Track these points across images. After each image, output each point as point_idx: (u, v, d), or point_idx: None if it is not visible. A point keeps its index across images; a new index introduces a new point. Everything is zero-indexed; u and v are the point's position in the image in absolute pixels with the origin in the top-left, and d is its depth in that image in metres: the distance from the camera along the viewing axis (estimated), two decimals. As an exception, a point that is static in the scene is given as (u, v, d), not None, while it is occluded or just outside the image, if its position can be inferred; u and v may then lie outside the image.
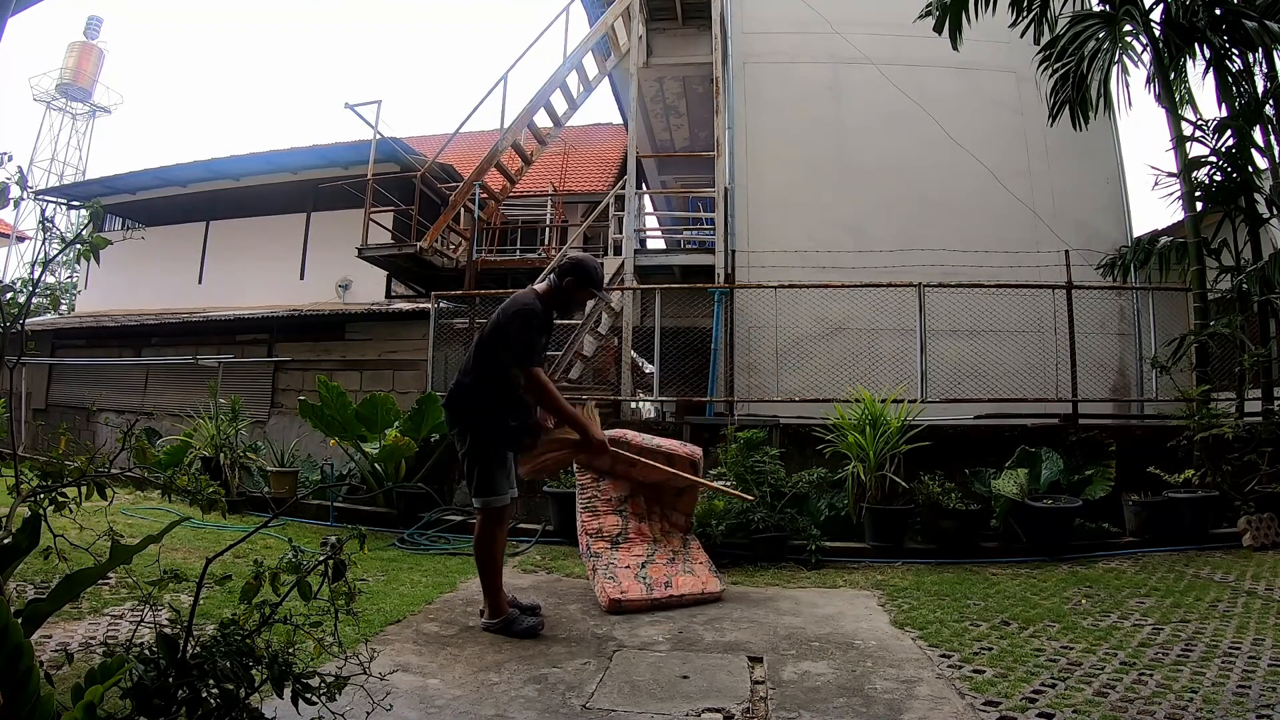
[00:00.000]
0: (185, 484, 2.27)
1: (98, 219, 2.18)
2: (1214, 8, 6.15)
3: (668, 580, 3.69)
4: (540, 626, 3.05)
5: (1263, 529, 4.65)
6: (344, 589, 1.76)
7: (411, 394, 8.42)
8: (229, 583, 1.87)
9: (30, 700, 1.31)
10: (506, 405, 3.13)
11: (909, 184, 8.75)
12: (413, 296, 11.66)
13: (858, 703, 2.33)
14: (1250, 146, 6.38)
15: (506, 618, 3.05)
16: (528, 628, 3.02)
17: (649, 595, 3.54)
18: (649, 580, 3.66)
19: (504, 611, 3.07)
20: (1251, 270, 6.09)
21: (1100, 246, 8.18)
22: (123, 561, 1.68)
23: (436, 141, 12.06)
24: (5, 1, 1.97)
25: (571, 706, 2.28)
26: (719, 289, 7.67)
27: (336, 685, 1.71)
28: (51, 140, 31.84)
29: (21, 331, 1.99)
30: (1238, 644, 2.77)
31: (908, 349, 6.80)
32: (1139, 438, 5.88)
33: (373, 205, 10.16)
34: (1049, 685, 2.40)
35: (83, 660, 2.26)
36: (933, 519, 4.88)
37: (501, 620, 3.04)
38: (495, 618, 3.06)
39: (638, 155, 9.57)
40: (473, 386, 3.12)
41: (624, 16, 9.31)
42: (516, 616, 3.07)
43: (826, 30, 9.19)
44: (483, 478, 3.11)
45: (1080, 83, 6.57)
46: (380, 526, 5.67)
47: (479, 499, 3.13)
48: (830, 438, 5.34)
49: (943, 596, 3.70)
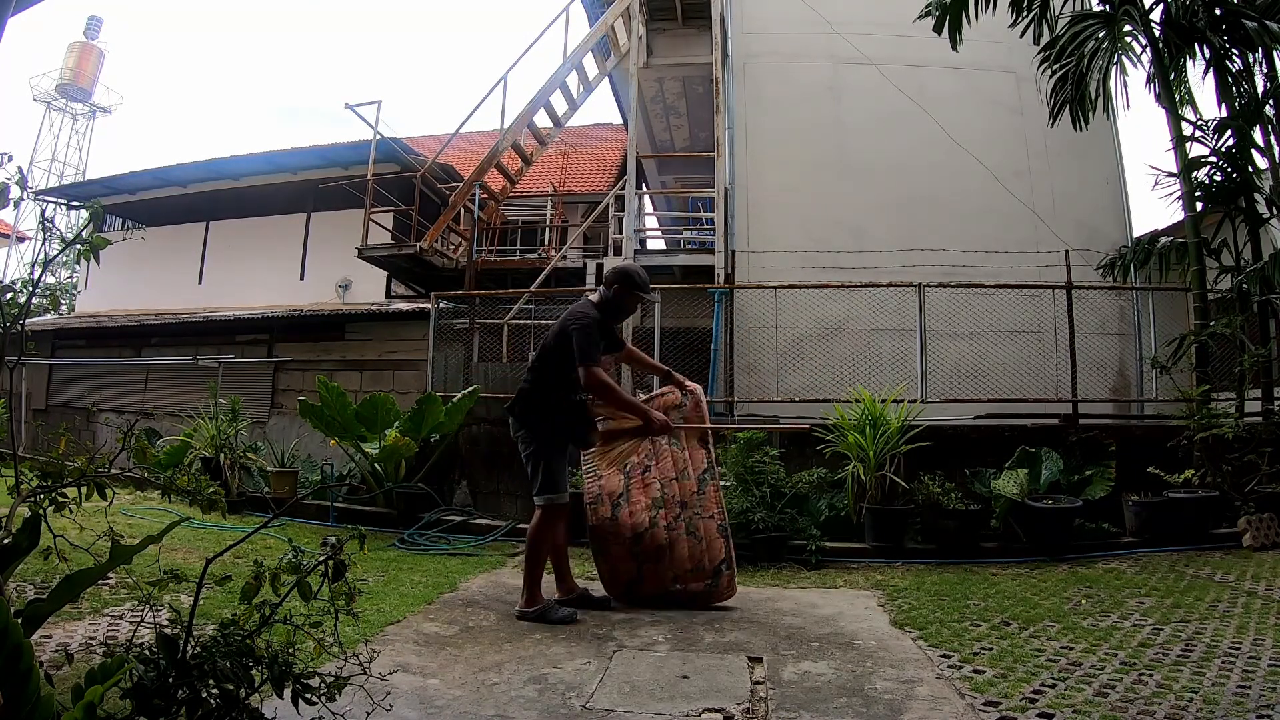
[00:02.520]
0: (185, 484, 2.26)
1: (98, 219, 2.18)
2: (1214, 8, 6.15)
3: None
4: (574, 616, 3.26)
5: (1263, 529, 4.65)
6: (344, 589, 1.76)
7: (411, 394, 8.41)
8: (229, 583, 1.88)
9: (30, 700, 1.31)
10: (564, 406, 3.39)
11: (909, 184, 8.75)
12: (413, 297, 11.66)
13: (858, 703, 2.33)
14: (1250, 146, 6.38)
15: (544, 606, 3.25)
16: (564, 616, 3.22)
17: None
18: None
19: (540, 600, 3.28)
20: (1251, 270, 6.08)
21: (1100, 246, 8.18)
22: (123, 561, 1.68)
23: (436, 142, 12.06)
24: (5, 1, 1.97)
25: (571, 706, 2.28)
26: (719, 289, 7.67)
27: (336, 685, 1.71)
28: (51, 140, 31.87)
29: (21, 331, 1.99)
30: (1238, 644, 2.77)
31: (908, 349, 6.80)
32: (1139, 438, 5.88)
33: (373, 205, 10.15)
34: (1049, 685, 2.40)
35: (83, 660, 2.26)
36: (933, 519, 4.88)
37: (538, 609, 3.24)
38: (531, 606, 3.26)
39: (638, 155, 9.56)
40: (534, 390, 3.41)
41: (624, 17, 9.30)
42: (552, 605, 3.30)
43: (826, 30, 9.19)
44: (545, 476, 3.33)
45: (1080, 83, 6.57)
46: (380, 527, 5.67)
47: (541, 496, 3.34)
48: (830, 438, 5.34)
49: (943, 596, 3.70)
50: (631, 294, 3.46)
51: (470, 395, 6.44)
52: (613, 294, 3.45)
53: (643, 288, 3.48)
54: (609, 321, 3.51)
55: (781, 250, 8.16)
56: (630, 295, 3.46)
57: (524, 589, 3.32)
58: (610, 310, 3.48)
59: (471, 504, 6.72)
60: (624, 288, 3.44)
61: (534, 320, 8.54)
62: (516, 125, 9.40)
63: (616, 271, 3.53)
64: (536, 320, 8.57)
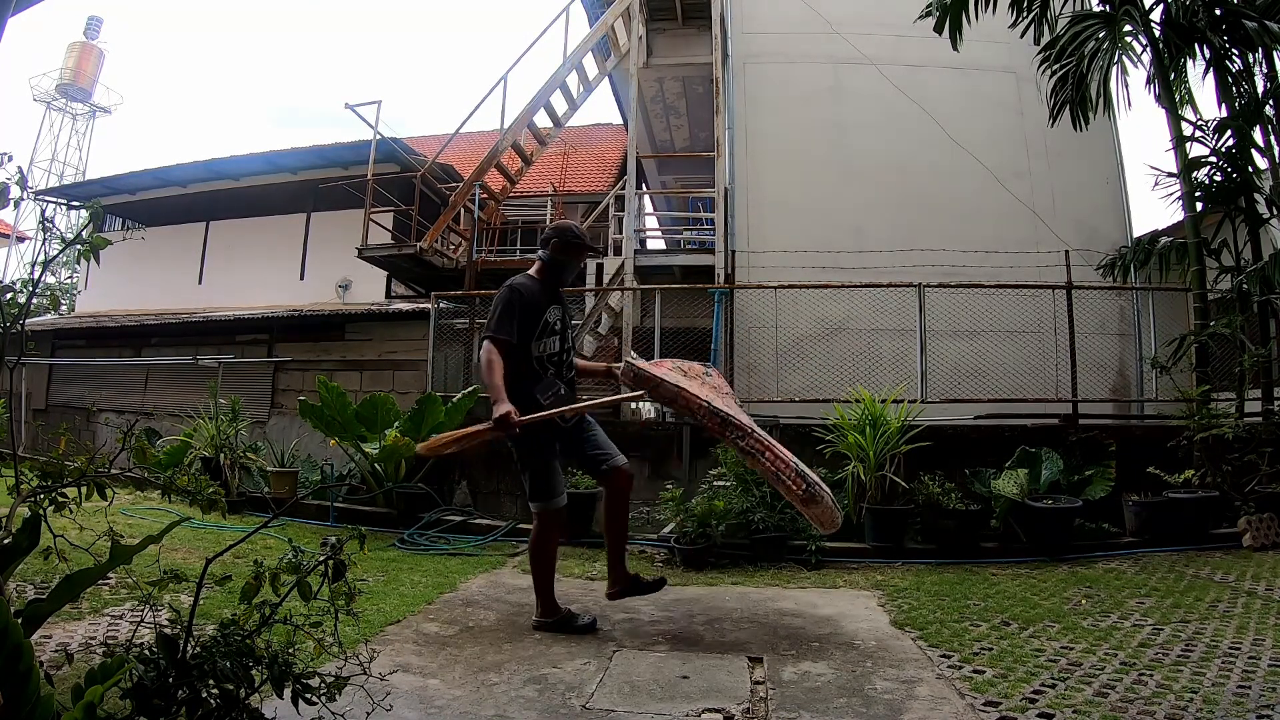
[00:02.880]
0: (185, 484, 2.26)
1: (98, 219, 2.18)
2: (1214, 8, 6.15)
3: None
4: (595, 624, 3.11)
5: (1263, 529, 4.65)
6: (344, 589, 1.76)
7: (411, 394, 8.41)
8: (229, 583, 1.87)
9: (30, 700, 1.31)
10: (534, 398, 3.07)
11: (909, 184, 8.75)
12: (413, 297, 11.66)
13: (858, 703, 2.33)
14: (1250, 146, 6.38)
15: (563, 616, 3.11)
16: (586, 624, 3.09)
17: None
18: None
19: (558, 611, 3.13)
20: (1251, 270, 6.08)
21: (1100, 246, 8.19)
22: (123, 561, 1.68)
23: (436, 142, 12.06)
24: (5, 1, 1.97)
25: (571, 707, 2.28)
26: (719, 289, 7.67)
27: (336, 685, 1.71)
28: (51, 140, 31.87)
29: (21, 331, 1.99)
30: (1238, 644, 2.77)
31: (908, 349, 6.80)
32: (1139, 438, 5.88)
33: (373, 205, 10.16)
34: (1049, 685, 2.40)
35: (83, 660, 2.26)
36: (933, 519, 4.88)
37: (557, 619, 3.10)
38: (549, 617, 3.12)
39: (638, 155, 9.56)
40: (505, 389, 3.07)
41: (624, 17, 9.31)
42: (574, 614, 3.14)
43: (826, 30, 9.19)
44: (537, 480, 3.15)
45: (1080, 83, 6.57)
46: (380, 527, 5.67)
47: (535, 503, 3.17)
48: (830, 438, 5.34)
49: (943, 597, 3.70)
50: (568, 249, 3.30)
51: (470, 395, 6.44)
52: (551, 252, 3.27)
53: (577, 237, 3.33)
54: (554, 284, 3.30)
55: (781, 250, 8.16)
56: (567, 250, 3.30)
57: (537, 600, 3.18)
58: (553, 272, 3.30)
59: (471, 504, 6.72)
60: (561, 243, 3.28)
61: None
62: (516, 125, 9.40)
63: (553, 229, 3.38)
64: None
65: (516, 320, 3.11)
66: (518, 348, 3.11)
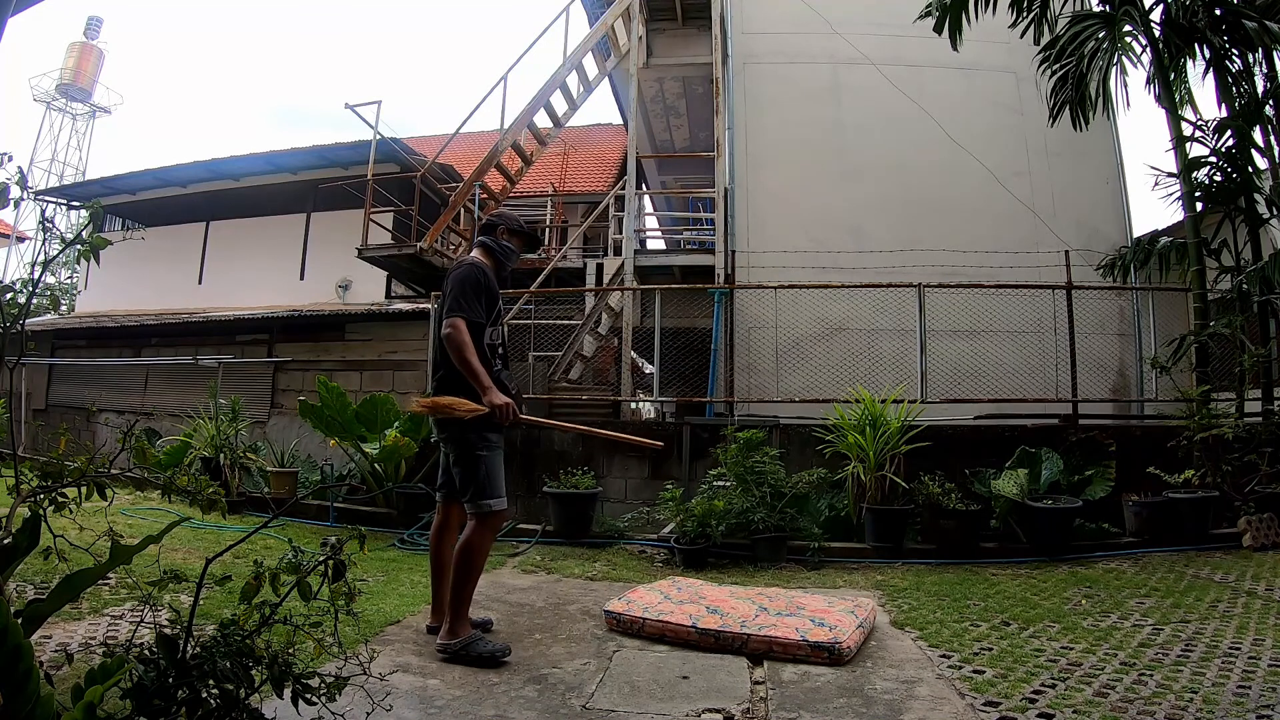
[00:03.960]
0: (185, 484, 2.26)
1: (98, 219, 2.18)
2: (1214, 8, 6.15)
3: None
4: (506, 652, 2.68)
5: (1263, 529, 4.65)
6: (344, 589, 1.76)
7: (411, 394, 8.41)
8: (229, 583, 1.87)
9: (30, 700, 1.30)
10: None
11: (909, 184, 8.75)
12: (413, 297, 11.65)
13: (858, 703, 2.33)
14: (1250, 146, 6.38)
15: (469, 639, 2.68)
16: (491, 651, 2.65)
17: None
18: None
19: (467, 632, 2.72)
20: (1251, 270, 6.08)
21: (1100, 246, 8.19)
22: (123, 562, 1.68)
23: (436, 142, 12.05)
24: (5, 2, 1.97)
25: (571, 707, 2.28)
26: (719, 289, 7.67)
27: (336, 685, 1.71)
28: (51, 141, 31.83)
29: (21, 331, 1.98)
30: (1238, 644, 2.77)
31: (908, 349, 6.80)
32: (1139, 438, 5.88)
33: (373, 205, 10.15)
34: (1049, 685, 2.40)
35: (83, 660, 2.26)
36: (933, 519, 4.88)
37: (462, 642, 2.67)
38: (455, 638, 2.68)
39: (638, 155, 9.56)
40: (449, 379, 2.90)
41: (624, 17, 9.31)
42: (479, 638, 2.72)
43: (826, 30, 9.19)
44: (478, 479, 2.81)
45: (1080, 83, 6.57)
46: (380, 527, 5.67)
47: (473, 504, 2.82)
48: (830, 438, 5.34)
49: (943, 597, 3.70)
50: (516, 234, 3.19)
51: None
52: (499, 238, 3.15)
53: (524, 226, 3.25)
54: (499, 270, 3.14)
55: (781, 250, 8.17)
56: (516, 236, 3.19)
57: (448, 616, 2.73)
58: (500, 257, 3.13)
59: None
60: (509, 228, 3.19)
61: (534, 320, 8.56)
62: (516, 125, 9.39)
63: (495, 215, 3.30)
64: (536, 320, 8.59)
65: (483, 301, 2.93)
66: (475, 332, 2.87)
